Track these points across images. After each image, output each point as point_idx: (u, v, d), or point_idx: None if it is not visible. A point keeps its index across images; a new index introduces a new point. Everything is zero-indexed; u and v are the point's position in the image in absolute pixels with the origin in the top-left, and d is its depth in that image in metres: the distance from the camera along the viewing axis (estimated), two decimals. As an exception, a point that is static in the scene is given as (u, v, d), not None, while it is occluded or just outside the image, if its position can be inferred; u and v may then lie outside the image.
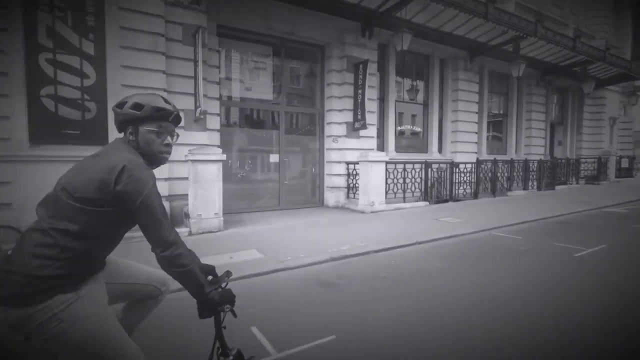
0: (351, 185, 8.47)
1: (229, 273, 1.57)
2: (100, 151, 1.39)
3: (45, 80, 5.36)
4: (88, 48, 5.61)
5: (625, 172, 16.00)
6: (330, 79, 8.55)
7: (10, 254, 1.26)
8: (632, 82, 15.37)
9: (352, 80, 8.41)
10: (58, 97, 5.44)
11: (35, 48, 5.27)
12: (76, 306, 1.24)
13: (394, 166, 8.39)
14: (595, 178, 14.23)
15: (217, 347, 1.45)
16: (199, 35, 6.06)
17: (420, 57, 10.48)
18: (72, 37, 5.49)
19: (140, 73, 5.86)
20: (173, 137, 1.49)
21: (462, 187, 9.81)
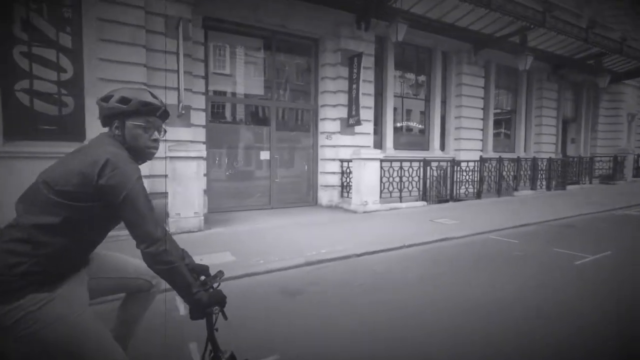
0: (345, 183, 8.13)
1: (221, 273, 1.49)
2: (84, 145, 1.38)
3: (20, 74, 5.21)
4: (65, 41, 5.44)
5: (643, 172, 15.19)
6: (324, 73, 8.21)
7: None
8: (652, 76, 14.52)
9: (347, 74, 8.06)
10: (34, 92, 5.29)
11: (10, 41, 5.12)
12: (50, 306, 1.20)
13: (389, 164, 8.02)
14: (610, 177, 13.55)
15: (210, 349, 1.40)
16: (180, 27, 5.82)
17: (421, 50, 10.03)
18: (48, 30, 5.32)
19: (120, 66, 5.65)
20: (160, 132, 1.47)
21: (465, 187, 9.35)
